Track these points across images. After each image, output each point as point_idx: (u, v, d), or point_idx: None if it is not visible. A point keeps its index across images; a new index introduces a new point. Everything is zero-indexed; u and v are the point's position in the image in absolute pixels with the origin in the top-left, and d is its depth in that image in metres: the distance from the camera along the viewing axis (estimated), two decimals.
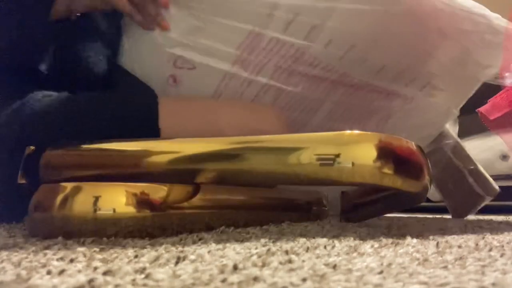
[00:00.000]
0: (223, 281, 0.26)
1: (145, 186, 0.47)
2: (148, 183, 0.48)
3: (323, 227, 0.56)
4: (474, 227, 0.64)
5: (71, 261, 0.33)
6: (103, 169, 0.51)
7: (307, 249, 0.39)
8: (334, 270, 0.30)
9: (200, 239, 0.44)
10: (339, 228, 0.56)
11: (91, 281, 0.26)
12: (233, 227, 0.51)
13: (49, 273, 0.29)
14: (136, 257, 0.35)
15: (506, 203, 1.16)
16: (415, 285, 0.26)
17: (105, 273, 0.28)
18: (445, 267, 0.31)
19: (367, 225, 0.60)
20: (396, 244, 0.43)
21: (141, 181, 0.48)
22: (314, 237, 0.46)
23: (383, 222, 0.65)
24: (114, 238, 0.45)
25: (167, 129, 0.60)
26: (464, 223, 0.71)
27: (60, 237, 0.44)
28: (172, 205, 0.48)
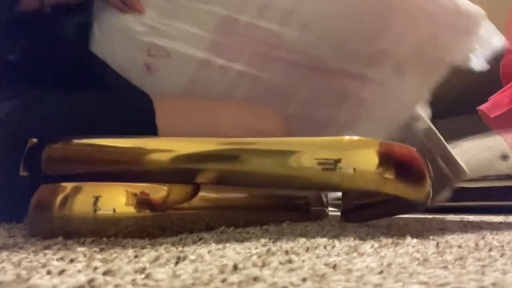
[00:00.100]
0: (223, 281, 0.26)
1: (145, 186, 0.47)
2: (148, 183, 0.48)
3: (323, 227, 0.56)
4: (474, 227, 0.64)
5: (71, 261, 0.33)
6: (103, 164, 0.51)
7: (307, 249, 0.39)
8: (334, 270, 0.30)
9: (200, 239, 0.44)
10: (339, 228, 0.56)
11: (91, 281, 0.26)
12: (233, 227, 0.51)
13: (49, 273, 0.29)
14: (136, 257, 0.35)
15: (506, 203, 1.16)
16: (415, 285, 0.26)
17: (105, 273, 0.28)
18: (445, 267, 0.31)
19: (367, 225, 0.60)
20: (396, 244, 0.43)
21: (141, 180, 0.48)
22: (314, 237, 0.46)
23: (383, 222, 0.65)
24: (114, 238, 0.45)
25: (165, 128, 0.60)
26: (464, 223, 0.71)
27: (60, 237, 0.44)
28: (172, 205, 0.48)
